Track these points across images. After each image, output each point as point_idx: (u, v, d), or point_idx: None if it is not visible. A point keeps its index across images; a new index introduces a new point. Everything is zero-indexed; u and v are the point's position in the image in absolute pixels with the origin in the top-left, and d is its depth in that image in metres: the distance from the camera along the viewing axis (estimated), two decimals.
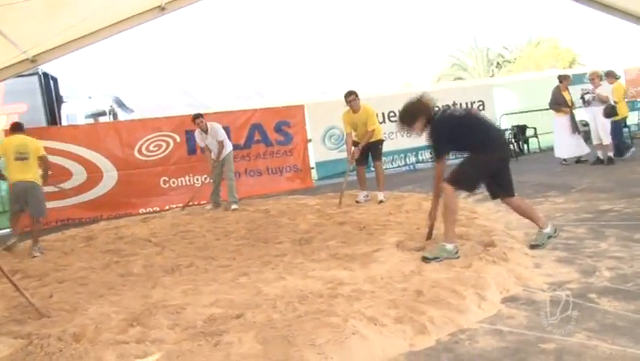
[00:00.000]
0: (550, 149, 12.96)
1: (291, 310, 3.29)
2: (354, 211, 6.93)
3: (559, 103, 10.10)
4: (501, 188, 4.58)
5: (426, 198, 6.86)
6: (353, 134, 7.92)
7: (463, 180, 4.35)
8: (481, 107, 13.01)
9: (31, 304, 3.89)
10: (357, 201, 7.76)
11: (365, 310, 3.14)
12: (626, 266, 3.78)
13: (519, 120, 13.37)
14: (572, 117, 9.96)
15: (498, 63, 34.45)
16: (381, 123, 10.53)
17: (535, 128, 13.13)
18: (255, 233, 6.19)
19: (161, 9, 10.21)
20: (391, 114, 11.89)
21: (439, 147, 4.48)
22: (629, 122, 12.90)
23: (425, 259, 4.16)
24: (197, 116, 8.62)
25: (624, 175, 8.00)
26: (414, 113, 4.51)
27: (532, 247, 4.46)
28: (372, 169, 8.23)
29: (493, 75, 32.46)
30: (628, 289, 3.33)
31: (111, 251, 6.05)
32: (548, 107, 10.42)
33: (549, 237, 4.55)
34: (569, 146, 10.07)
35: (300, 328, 2.93)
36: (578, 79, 13.06)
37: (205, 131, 8.53)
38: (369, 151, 7.90)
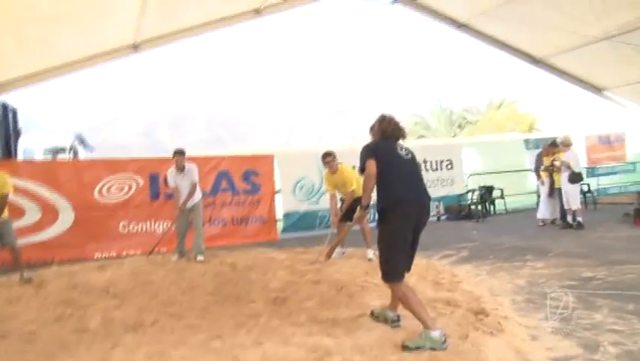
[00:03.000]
0: (517, 211, 13.16)
1: None
2: (327, 269, 6.56)
3: (537, 168, 10.64)
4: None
5: None
6: (338, 194, 7.73)
7: (390, 271, 3.87)
8: (449, 166, 13.04)
9: None
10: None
11: None
12: (629, 342, 3.59)
13: (485, 181, 13.43)
14: (551, 182, 10.13)
15: (460, 124, 35.16)
16: None
17: (502, 190, 13.19)
18: (224, 289, 5.73)
19: (134, 47, 9.96)
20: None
21: (362, 159, 4.02)
22: (592, 187, 13.20)
23: (405, 348, 3.54)
24: (180, 152, 8.08)
25: (595, 241, 8.02)
26: (373, 127, 4.29)
27: (404, 347, 3.56)
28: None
29: (455, 135, 33.06)
30: None
31: (64, 301, 5.45)
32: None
33: (432, 347, 3.50)
34: (544, 208, 10.41)
35: None
36: (540, 143, 13.22)
37: (181, 170, 8.04)
38: (356, 208, 7.55)
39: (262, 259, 7.73)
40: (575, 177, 9.48)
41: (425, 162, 12.48)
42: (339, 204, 7.77)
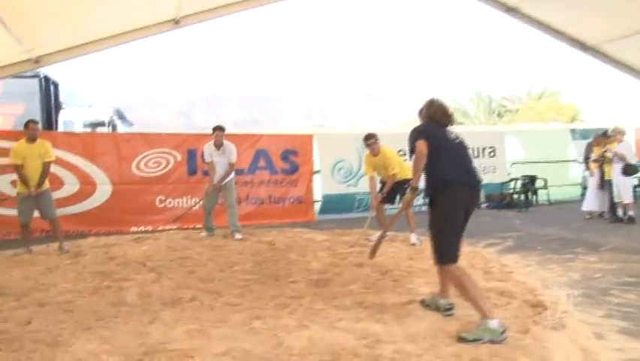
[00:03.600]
0: (560, 202, 12.69)
1: None
2: (368, 252, 6.36)
3: (587, 158, 10.22)
4: None
5: None
6: (378, 176, 7.54)
7: (444, 252, 3.65)
8: (492, 154, 12.62)
9: None
10: (367, 239, 7.23)
11: None
12: None
13: (528, 171, 12.97)
14: (601, 173, 9.67)
15: (499, 112, 34.39)
16: None
17: (545, 180, 12.72)
18: (264, 268, 5.58)
19: (175, 22, 9.79)
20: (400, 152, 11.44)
21: (411, 141, 3.81)
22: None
23: (462, 340, 3.30)
24: (220, 128, 8.04)
25: None
26: (421, 111, 4.16)
27: (461, 339, 3.31)
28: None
29: (495, 124, 32.34)
30: None
31: (101, 273, 5.39)
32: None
33: (491, 338, 3.25)
34: (592, 200, 9.92)
35: None
36: (588, 134, 12.72)
37: (218, 147, 7.92)
38: (397, 191, 7.41)
39: (301, 239, 7.56)
40: (630, 170, 9.01)
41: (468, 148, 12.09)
42: (378, 187, 7.56)
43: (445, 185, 3.69)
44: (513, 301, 4.04)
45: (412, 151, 3.83)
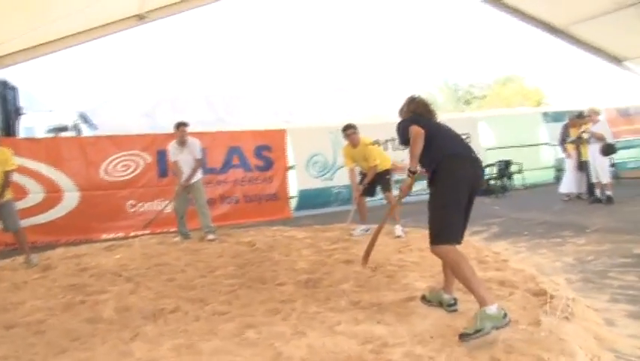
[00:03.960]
0: (535, 186, 12.71)
1: None
2: (353, 247, 6.12)
3: (563, 140, 10.18)
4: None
5: None
6: (358, 168, 7.40)
7: (444, 230, 3.36)
8: (467, 141, 12.52)
9: None
10: (350, 234, 7.05)
11: None
12: None
13: (501, 156, 12.95)
14: (578, 155, 9.65)
15: (467, 100, 34.63)
16: None
17: (521, 164, 12.71)
18: (247, 270, 5.27)
19: (140, 18, 9.35)
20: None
21: (402, 130, 3.65)
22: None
23: (465, 337, 2.99)
24: (183, 124, 7.72)
25: (631, 215, 7.56)
26: (402, 110, 4.02)
27: (463, 336, 3.01)
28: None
29: (463, 111, 32.56)
30: None
31: (74, 287, 5.01)
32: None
33: (494, 326, 3.02)
34: (569, 182, 9.94)
35: None
36: (559, 117, 12.80)
37: (182, 143, 7.62)
38: (377, 183, 7.28)
39: (281, 237, 7.29)
40: (609, 149, 9.00)
41: None
42: (357, 179, 7.37)
43: (448, 158, 3.49)
44: (516, 292, 3.85)
45: (405, 142, 3.63)
